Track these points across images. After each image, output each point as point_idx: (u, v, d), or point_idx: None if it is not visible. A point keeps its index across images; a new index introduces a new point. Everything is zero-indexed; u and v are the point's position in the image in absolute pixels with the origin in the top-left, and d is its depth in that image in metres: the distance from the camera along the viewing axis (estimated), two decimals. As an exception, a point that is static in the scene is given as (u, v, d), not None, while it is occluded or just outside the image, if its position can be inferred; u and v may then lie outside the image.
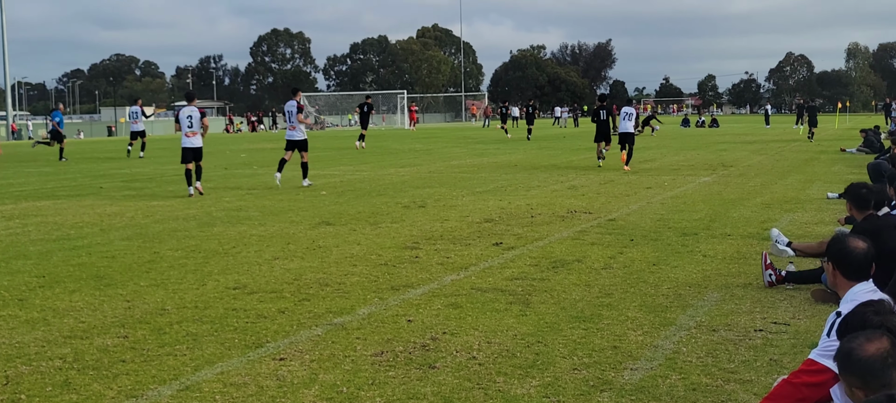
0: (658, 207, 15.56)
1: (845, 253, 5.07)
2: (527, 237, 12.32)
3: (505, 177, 22.61)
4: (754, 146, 36.59)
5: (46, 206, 17.10)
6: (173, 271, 10.12)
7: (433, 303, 8.31)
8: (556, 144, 41.71)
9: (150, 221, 14.61)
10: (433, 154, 34.44)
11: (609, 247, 11.34)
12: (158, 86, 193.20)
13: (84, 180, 23.61)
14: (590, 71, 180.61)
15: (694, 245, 11.47)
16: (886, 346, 3.53)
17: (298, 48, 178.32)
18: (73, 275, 9.91)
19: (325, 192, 18.97)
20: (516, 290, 8.82)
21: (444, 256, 10.87)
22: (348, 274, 9.82)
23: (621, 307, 8.08)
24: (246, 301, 8.51)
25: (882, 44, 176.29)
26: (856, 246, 5.10)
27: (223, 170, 26.53)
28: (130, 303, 8.46)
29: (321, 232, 12.99)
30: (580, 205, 15.93)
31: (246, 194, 18.94)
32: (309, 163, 21.01)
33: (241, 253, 11.33)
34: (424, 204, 16.56)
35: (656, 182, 20.35)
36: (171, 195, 18.94)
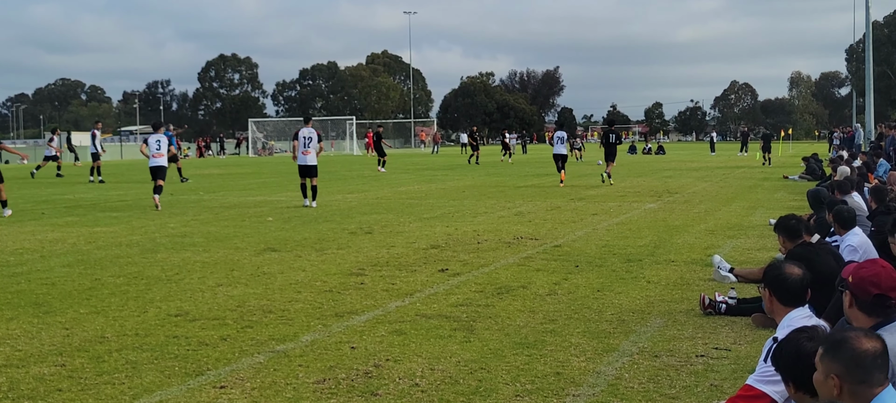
0: (604, 233, 15.66)
1: (781, 280, 5.15)
2: (472, 263, 12.33)
3: (452, 203, 22.64)
4: (699, 173, 37.02)
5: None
6: (114, 298, 9.98)
7: (377, 330, 8.27)
8: (504, 170, 41.85)
9: (93, 247, 14.41)
10: (381, 180, 34.39)
11: (554, 274, 11.39)
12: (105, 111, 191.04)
13: (25, 205, 23.24)
14: (538, 98, 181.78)
15: (638, 271, 11.55)
16: (880, 347, 3.60)
17: (246, 73, 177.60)
18: (11, 303, 9.74)
19: (272, 218, 18.85)
20: (461, 316, 8.81)
21: (389, 282, 10.84)
22: (292, 300, 9.76)
23: (565, 333, 8.11)
24: (188, 328, 8.42)
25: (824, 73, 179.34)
26: (791, 272, 5.17)
27: (169, 196, 26.26)
28: (69, 331, 8.33)
29: (266, 259, 12.91)
30: (526, 232, 15.99)
31: (191, 220, 18.77)
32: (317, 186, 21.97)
33: (185, 279, 11.21)
34: (371, 230, 16.52)
35: (602, 208, 20.49)
36: (114, 221, 18.72)
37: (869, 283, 4.65)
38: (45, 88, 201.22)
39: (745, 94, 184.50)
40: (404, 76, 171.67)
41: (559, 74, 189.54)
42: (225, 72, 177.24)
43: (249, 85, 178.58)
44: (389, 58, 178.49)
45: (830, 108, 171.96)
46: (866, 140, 42.79)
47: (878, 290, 4.61)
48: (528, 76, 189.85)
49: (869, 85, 49.63)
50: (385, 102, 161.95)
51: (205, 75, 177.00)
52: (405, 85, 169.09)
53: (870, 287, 4.64)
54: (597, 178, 32.94)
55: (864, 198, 13.68)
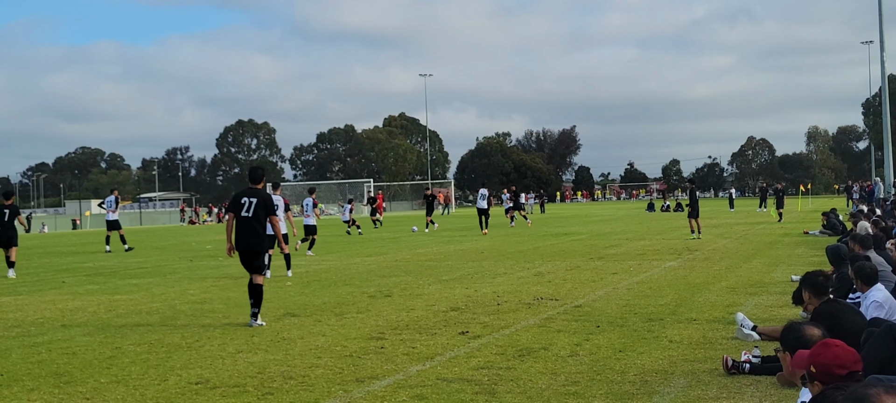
0: (624, 293, 15.58)
1: (802, 343, 5.06)
2: (493, 325, 12.27)
3: (471, 264, 22.60)
4: (719, 229, 36.87)
5: (6, 302, 16.87)
6: (135, 366, 9.97)
7: (398, 395, 8.22)
8: (522, 231, 41.81)
9: (113, 316, 14.44)
10: (399, 242, 34.40)
11: (575, 334, 11.32)
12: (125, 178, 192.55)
13: (46, 275, 23.35)
14: (555, 157, 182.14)
15: (660, 330, 11.47)
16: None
17: (264, 138, 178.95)
18: (32, 373, 9.74)
19: (291, 283, 18.86)
20: (482, 380, 8.76)
21: (409, 346, 10.79)
22: (313, 366, 9.72)
23: (588, 395, 8.04)
24: (208, 396, 8.39)
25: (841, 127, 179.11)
26: (811, 334, 5.09)
27: (188, 262, 26.35)
28: (90, 401, 8.32)
29: (286, 324, 12.88)
30: (546, 292, 15.93)
31: (211, 286, 18.80)
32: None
33: (205, 346, 11.19)
34: (390, 293, 16.49)
35: (622, 267, 20.41)
36: (134, 288, 18.76)
37: (834, 367, 4.51)
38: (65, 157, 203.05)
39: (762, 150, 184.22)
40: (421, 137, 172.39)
41: (576, 133, 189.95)
42: (243, 138, 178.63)
43: (267, 149, 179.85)
44: (406, 120, 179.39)
45: (849, 162, 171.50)
46: (887, 192, 42.61)
47: (845, 371, 4.48)
48: (544, 135, 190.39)
49: (887, 138, 49.62)
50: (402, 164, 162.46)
51: (223, 141, 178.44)
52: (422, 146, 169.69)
53: (835, 370, 4.50)
54: (614, 238, 32.87)
55: (885, 256, 13.54)
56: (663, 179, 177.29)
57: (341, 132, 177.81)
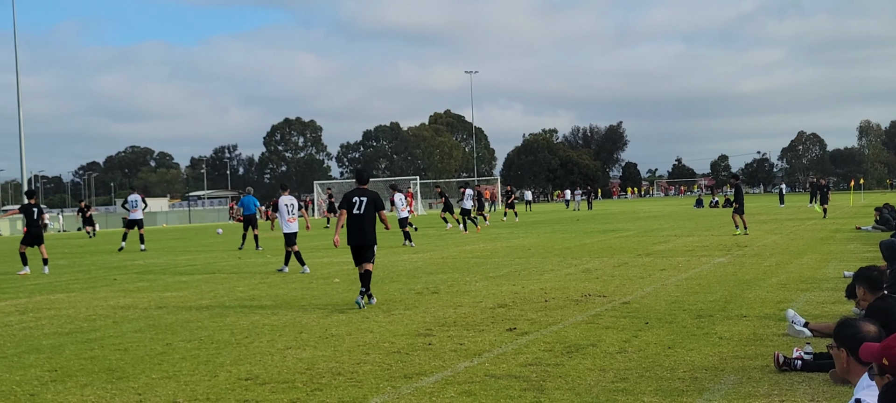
0: (673, 289, 15.47)
1: (858, 339, 4.96)
2: (541, 322, 12.24)
3: (518, 261, 22.56)
4: (769, 225, 36.49)
5: (60, 299, 17.11)
6: (185, 362, 10.07)
7: (446, 391, 8.22)
8: (569, 228, 41.68)
9: (163, 312, 14.59)
10: (446, 239, 34.43)
11: (624, 331, 11.25)
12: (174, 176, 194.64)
13: (98, 272, 23.65)
14: (602, 153, 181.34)
15: (709, 327, 11.36)
16: None
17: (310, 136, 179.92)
18: (86, 369, 9.87)
19: (339, 280, 18.94)
20: (530, 376, 8.73)
21: (457, 343, 10.79)
22: (361, 362, 9.75)
23: (637, 392, 7.98)
24: (258, 392, 8.45)
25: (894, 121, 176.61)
26: (867, 330, 5.00)
27: (237, 259, 26.56)
28: (142, 397, 8.40)
29: (334, 321, 12.94)
30: (594, 289, 15.86)
31: (259, 283, 18.94)
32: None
33: (254, 342, 11.27)
34: (437, 290, 16.51)
35: (670, 263, 20.26)
36: (183, 286, 18.95)
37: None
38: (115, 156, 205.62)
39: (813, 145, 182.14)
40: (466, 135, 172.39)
41: (622, 129, 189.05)
42: (290, 136, 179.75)
43: (314, 147, 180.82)
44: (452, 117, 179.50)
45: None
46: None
47: None
48: (591, 131, 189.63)
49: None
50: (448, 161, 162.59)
51: (270, 139, 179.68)
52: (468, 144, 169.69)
53: None
54: (662, 234, 32.66)
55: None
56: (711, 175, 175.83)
57: (387, 130, 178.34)
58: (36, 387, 8.96)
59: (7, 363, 10.40)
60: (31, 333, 12.75)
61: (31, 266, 24.14)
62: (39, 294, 18.31)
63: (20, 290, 19.23)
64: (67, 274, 23.63)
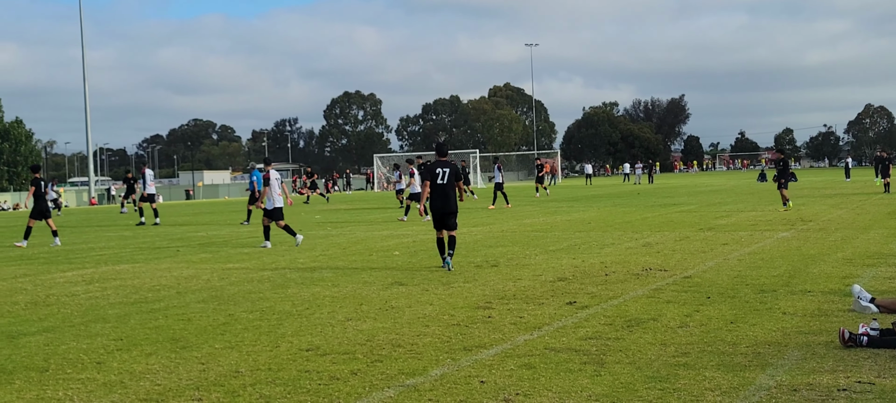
0: (735, 264, 15.29)
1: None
2: (601, 295, 12.17)
3: (578, 235, 22.46)
4: (834, 200, 35.91)
5: (125, 270, 17.40)
6: (247, 333, 10.18)
7: (506, 364, 8.22)
8: (630, 201, 41.40)
9: (226, 283, 14.76)
10: (505, 213, 34.39)
11: (685, 305, 11.15)
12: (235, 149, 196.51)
13: (161, 243, 24.00)
14: (663, 126, 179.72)
15: (773, 302, 11.22)
16: None
17: (370, 110, 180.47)
18: (150, 338, 10.03)
19: (398, 252, 19.01)
20: (590, 350, 8.69)
21: (516, 316, 10.78)
22: (421, 334, 9.78)
23: (699, 366, 7.91)
24: (319, 362, 8.51)
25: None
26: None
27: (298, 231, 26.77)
28: (205, 366, 8.51)
29: (394, 293, 13.00)
30: (655, 263, 15.74)
31: (320, 255, 19.07)
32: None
33: (315, 314, 11.36)
34: (497, 263, 16.50)
35: (733, 238, 20.03)
36: (245, 257, 19.15)
37: None
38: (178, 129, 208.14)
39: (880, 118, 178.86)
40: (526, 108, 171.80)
41: (684, 102, 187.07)
42: (349, 109, 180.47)
43: (373, 120, 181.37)
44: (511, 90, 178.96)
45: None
46: None
47: None
48: (652, 105, 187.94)
49: None
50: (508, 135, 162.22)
51: (330, 112, 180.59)
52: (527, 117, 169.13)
53: None
54: (725, 208, 32.31)
55: None
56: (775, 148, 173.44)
57: (447, 103, 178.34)
58: (102, 356, 9.13)
59: (74, 331, 10.60)
60: (97, 303, 12.98)
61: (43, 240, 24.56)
62: (105, 264, 18.63)
63: (86, 261, 19.59)
64: (131, 244, 24.01)
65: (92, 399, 7.41)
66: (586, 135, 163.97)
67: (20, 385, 7.93)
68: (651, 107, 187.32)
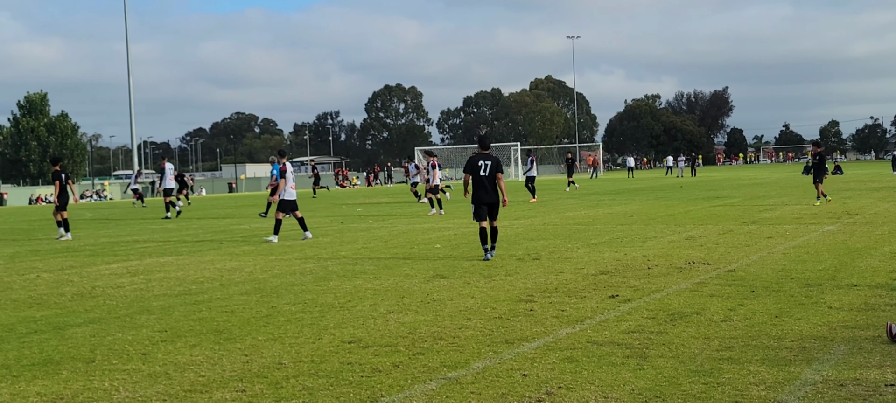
0: (780, 257, 15.15)
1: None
2: (643, 289, 12.11)
3: (620, 228, 22.35)
4: (881, 193, 35.42)
5: (169, 262, 17.56)
6: (290, 325, 10.23)
7: (548, 357, 8.20)
8: (673, 195, 41.14)
9: (268, 276, 14.85)
10: (547, 205, 34.30)
11: (729, 299, 11.06)
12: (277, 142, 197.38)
13: (205, 236, 24.19)
14: (706, 119, 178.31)
15: (818, 296, 11.09)
16: None
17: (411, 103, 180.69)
18: (194, 330, 10.11)
19: (440, 245, 19.02)
20: (633, 344, 8.65)
21: (558, 309, 10.75)
22: (462, 327, 9.78)
23: (743, 360, 7.84)
24: (361, 355, 8.54)
25: None
26: None
27: (339, 224, 26.88)
28: (248, 358, 8.57)
29: (435, 286, 13.01)
30: (698, 256, 15.62)
31: (362, 248, 19.13)
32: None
33: (357, 306, 11.40)
34: (539, 256, 16.46)
35: (777, 231, 19.84)
36: (288, 249, 19.25)
37: None
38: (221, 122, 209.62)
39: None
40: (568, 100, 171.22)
41: (728, 94, 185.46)
42: (390, 102, 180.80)
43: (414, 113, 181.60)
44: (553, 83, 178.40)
45: None
46: None
47: None
48: (695, 97, 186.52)
49: None
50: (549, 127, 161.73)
51: (371, 105, 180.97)
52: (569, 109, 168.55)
53: None
54: (769, 201, 31.98)
55: None
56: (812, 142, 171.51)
57: (488, 96, 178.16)
58: (147, 347, 9.22)
59: (120, 323, 10.72)
60: (142, 294, 13.12)
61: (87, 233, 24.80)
62: (149, 256, 18.81)
63: (131, 253, 19.79)
64: (175, 237, 24.22)
65: (137, 389, 7.49)
66: (628, 128, 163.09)
67: (67, 376, 8.03)
68: (694, 100, 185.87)
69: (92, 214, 40.84)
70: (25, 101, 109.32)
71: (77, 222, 32.27)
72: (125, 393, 7.37)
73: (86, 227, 30.16)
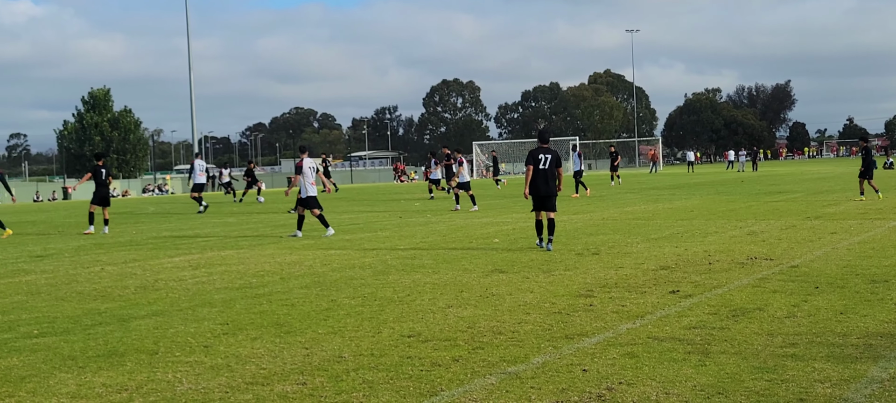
0: (844, 253, 14.90)
1: None
2: (704, 284, 11.98)
3: (680, 223, 22.15)
4: (948, 188, 34.67)
5: (230, 256, 17.73)
6: (350, 319, 10.28)
7: (608, 352, 8.14)
8: (733, 189, 40.67)
9: (328, 270, 14.94)
10: (606, 200, 34.10)
11: (792, 295, 10.90)
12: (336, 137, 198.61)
13: (265, 229, 24.40)
14: (768, 113, 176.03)
15: (885, 292, 10.89)
16: None
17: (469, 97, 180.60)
18: (255, 323, 10.20)
19: (498, 240, 18.99)
20: (694, 339, 8.56)
21: (618, 304, 10.67)
22: (522, 322, 9.76)
23: (807, 357, 7.73)
24: (420, 348, 8.55)
25: None
26: None
27: (398, 219, 26.96)
28: (309, 350, 8.62)
29: (494, 280, 12.99)
30: (760, 252, 15.42)
31: (420, 242, 19.16)
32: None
33: (416, 301, 11.42)
34: (598, 251, 16.36)
35: (841, 227, 19.51)
36: (347, 244, 19.35)
37: None
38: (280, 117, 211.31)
39: None
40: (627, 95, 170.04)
41: (790, 88, 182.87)
42: (448, 97, 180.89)
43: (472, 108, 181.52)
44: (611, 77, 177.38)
45: None
46: None
47: None
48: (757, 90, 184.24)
49: None
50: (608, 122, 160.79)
51: (429, 100, 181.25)
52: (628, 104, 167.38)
53: None
54: (832, 196, 31.49)
55: None
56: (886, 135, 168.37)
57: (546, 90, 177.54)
58: (209, 339, 9.32)
59: (182, 315, 10.85)
60: (204, 287, 13.27)
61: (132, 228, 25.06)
62: (210, 250, 19.02)
63: (192, 247, 20.03)
64: (236, 230, 24.46)
65: (200, 381, 7.57)
66: (688, 122, 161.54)
67: (131, 367, 8.15)
68: (755, 93, 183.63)
69: (154, 208, 41.37)
70: (89, 97, 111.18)
71: (140, 216, 32.79)
72: (188, 385, 7.46)
73: (148, 221, 30.58)
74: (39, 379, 7.81)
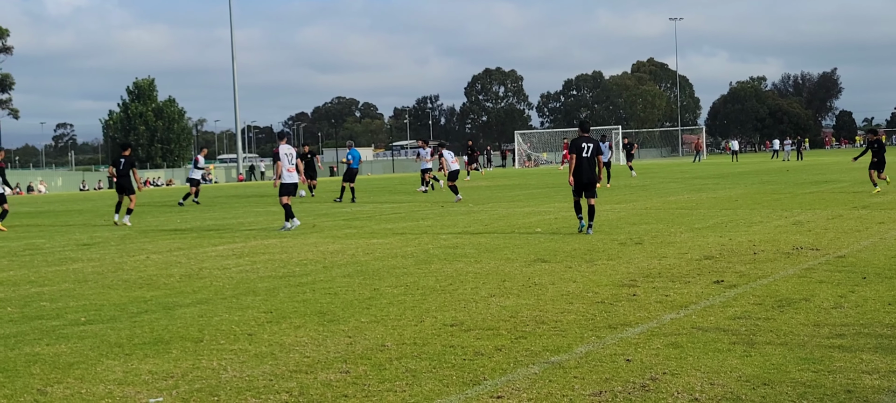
0: (893, 243, 14.70)
1: None
2: (749, 275, 11.87)
3: (725, 212, 21.96)
4: None
5: (273, 244, 17.83)
6: (392, 307, 10.31)
7: (652, 342, 8.10)
8: (778, 178, 40.27)
9: (370, 259, 14.98)
10: (649, 189, 33.89)
11: (839, 286, 10.77)
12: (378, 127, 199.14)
13: (307, 219, 24.50)
14: (814, 101, 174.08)
15: (934, 283, 10.73)
16: None
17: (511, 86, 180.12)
18: (299, 311, 10.25)
19: (541, 229, 18.94)
20: (739, 330, 8.48)
21: (662, 294, 10.61)
22: (564, 311, 9.73)
23: (855, 349, 7.63)
24: (463, 338, 8.55)
25: None
26: None
27: (440, 208, 26.97)
28: (352, 339, 8.66)
29: (536, 270, 12.96)
30: (806, 242, 15.25)
31: (462, 232, 19.16)
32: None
33: (458, 290, 11.42)
34: (641, 240, 16.27)
35: (889, 216, 19.24)
36: (389, 233, 19.39)
37: None
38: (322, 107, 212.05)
39: None
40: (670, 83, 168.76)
41: (837, 76, 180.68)
42: (490, 86, 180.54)
43: (514, 97, 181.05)
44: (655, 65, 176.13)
45: None
46: None
47: None
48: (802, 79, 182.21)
49: None
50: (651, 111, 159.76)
51: (471, 89, 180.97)
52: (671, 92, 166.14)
53: None
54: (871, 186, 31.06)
55: None
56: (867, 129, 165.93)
57: (588, 78, 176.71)
58: (253, 327, 9.38)
59: (226, 303, 10.93)
60: (248, 276, 13.35)
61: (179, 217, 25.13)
62: (254, 239, 19.14)
63: (236, 235, 20.17)
64: (279, 219, 24.57)
65: (245, 369, 7.62)
66: (732, 111, 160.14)
67: (177, 355, 8.22)
68: (801, 82, 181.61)
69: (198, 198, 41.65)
70: (134, 87, 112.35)
71: (188, 205, 33.08)
72: (233, 372, 7.51)
73: (192, 210, 30.84)
74: (87, 366, 7.90)
